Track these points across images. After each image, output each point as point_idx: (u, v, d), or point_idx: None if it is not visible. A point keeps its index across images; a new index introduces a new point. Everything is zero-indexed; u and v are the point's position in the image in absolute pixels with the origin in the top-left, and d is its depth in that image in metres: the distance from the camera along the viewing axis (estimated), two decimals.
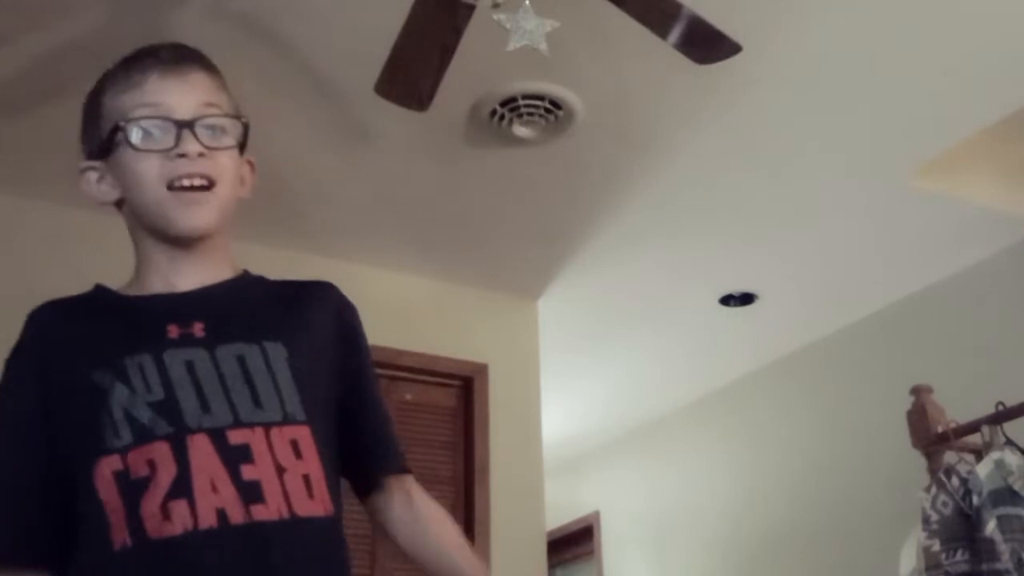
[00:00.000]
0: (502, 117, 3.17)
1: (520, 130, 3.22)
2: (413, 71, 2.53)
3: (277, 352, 1.23)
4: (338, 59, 2.89)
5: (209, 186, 1.26)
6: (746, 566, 4.81)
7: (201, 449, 1.15)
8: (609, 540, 5.74)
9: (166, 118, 1.25)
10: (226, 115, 1.30)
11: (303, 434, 1.21)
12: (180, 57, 1.30)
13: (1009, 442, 2.91)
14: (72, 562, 1.17)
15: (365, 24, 2.75)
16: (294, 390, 1.22)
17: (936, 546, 2.78)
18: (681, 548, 5.25)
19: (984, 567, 2.70)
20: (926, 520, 2.83)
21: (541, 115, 3.15)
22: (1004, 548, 2.68)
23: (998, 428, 2.94)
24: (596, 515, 5.84)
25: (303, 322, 1.31)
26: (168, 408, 1.17)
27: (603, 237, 3.87)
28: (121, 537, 1.12)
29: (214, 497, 1.13)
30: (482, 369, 4.02)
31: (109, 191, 1.32)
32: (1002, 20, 2.87)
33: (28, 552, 1.19)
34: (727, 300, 4.33)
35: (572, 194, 3.62)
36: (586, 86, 3.08)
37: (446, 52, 2.45)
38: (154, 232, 1.29)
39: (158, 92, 1.26)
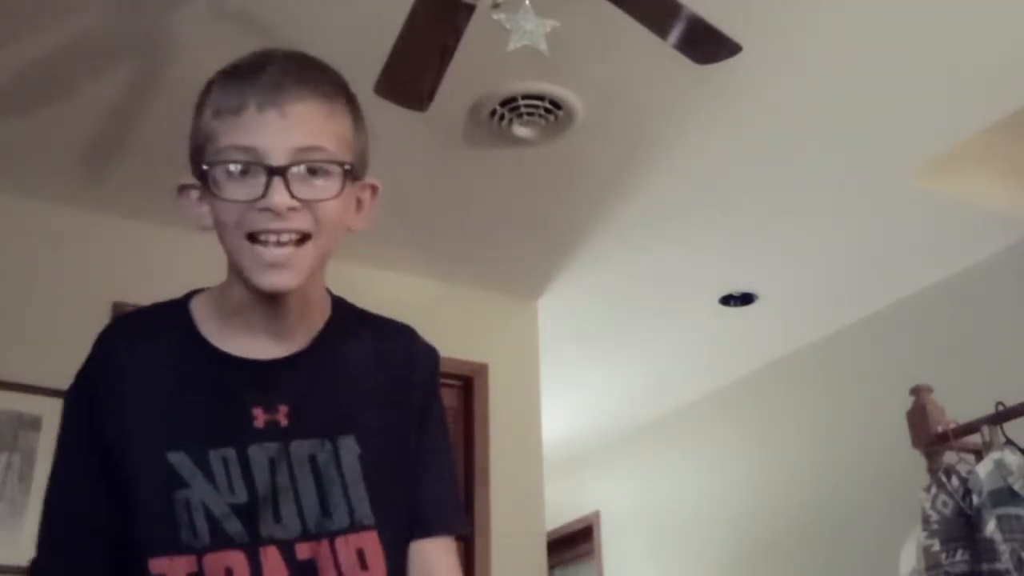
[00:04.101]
0: (502, 117, 3.17)
1: (520, 130, 3.22)
2: (413, 71, 2.53)
3: (349, 450, 1.19)
4: (337, 59, 2.87)
5: (300, 240, 1.13)
6: (745, 565, 4.81)
7: (272, 563, 1.13)
8: (609, 540, 5.74)
9: (256, 163, 1.11)
10: (328, 160, 1.15)
11: (370, 542, 1.17)
12: (285, 81, 1.14)
13: (1009, 442, 2.91)
14: None
15: (365, 24, 2.75)
16: (363, 492, 1.18)
17: (936, 546, 2.78)
18: (681, 548, 5.25)
19: (984, 567, 2.70)
20: (926, 520, 2.83)
21: (541, 115, 3.15)
22: (1004, 548, 2.68)
23: (998, 428, 2.93)
24: (596, 515, 5.84)
25: (381, 404, 1.24)
26: (248, 514, 1.13)
27: (603, 237, 3.87)
28: None
29: None
30: (482, 369, 4.02)
31: (206, 218, 1.17)
32: (1002, 20, 2.87)
33: None
34: (727, 300, 4.34)
35: (572, 194, 3.62)
36: (586, 86, 3.08)
37: (446, 52, 2.45)
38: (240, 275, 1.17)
39: (251, 130, 1.12)
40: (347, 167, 1.16)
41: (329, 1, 2.74)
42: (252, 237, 1.12)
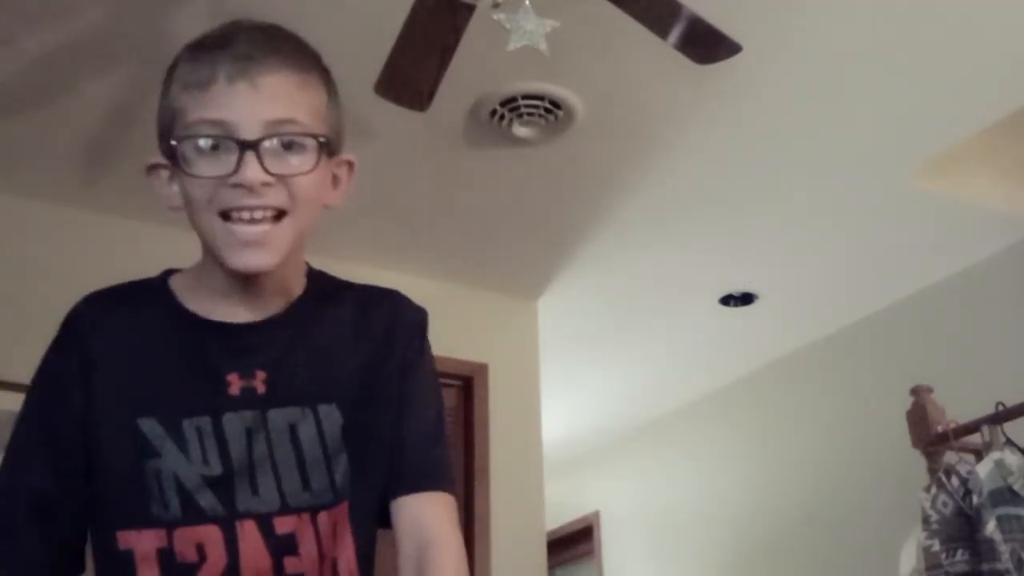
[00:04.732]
0: (502, 117, 3.17)
1: (520, 130, 3.22)
2: (413, 71, 2.53)
3: (331, 418, 1.14)
4: (337, 59, 2.88)
5: (276, 217, 1.09)
6: (745, 565, 4.81)
7: (250, 537, 1.09)
8: (609, 540, 5.74)
9: (227, 137, 1.07)
10: (302, 133, 1.10)
11: (343, 513, 1.13)
12: (255, 52, 1.10)
13: (1009, 442, 2.91)
14: None
15: (365, 24, 2.75)
16: (346, 464, 1.13)
17: (936, 546, 2.78)
18: (681, 548, 5.25)
19: (984, 567, 2.70)
20: (926, 520, 2.83)
21: (541, 115, 3.15)
22: (1004, 548, 2.68)
23: (998, 428, 2.94)
24: (596, 515, 5.84)
25: (364, 370, 1.18)
26: (223, 487, 1.09)
27: (603, 237, 3.87)
28: None
29: None
30: (482, 369, 4.02)
31: (177, 198, 1.12)
32: (1003, 20, 2.87)
33: None
34: (727, 300, 4.33)
35: (572, 194, 3.62)
36: (586, 86, 3.08)
37: (446, 52, 2.45)
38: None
39: (221, 104, 1.07)
40: (322, 140, 1.11)
41: (329, 1, 2.74)
42: (225, 215, 1.08)
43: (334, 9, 2.75)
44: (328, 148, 1.13)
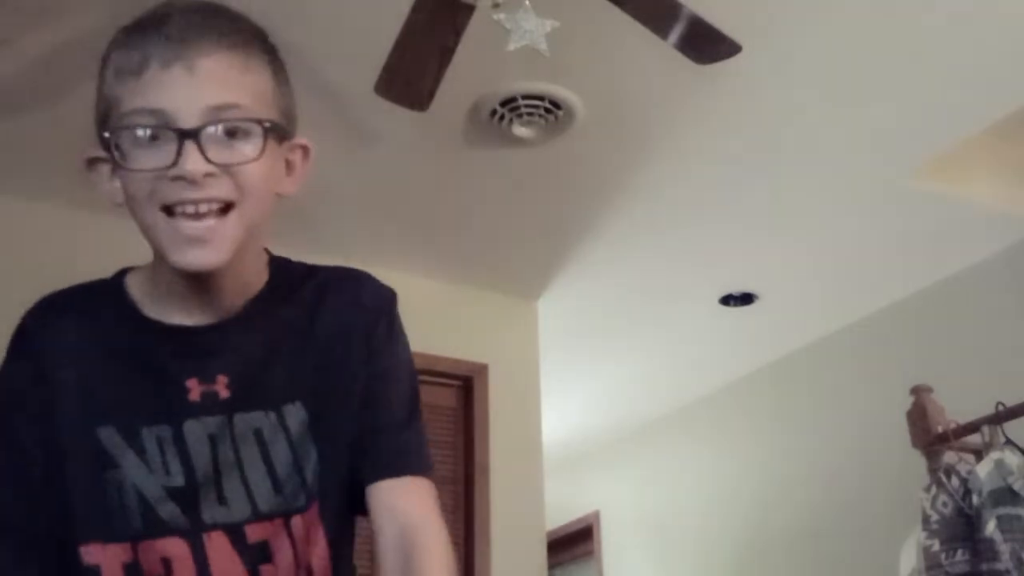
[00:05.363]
0: (502, 117, 3.17)
1: (520, 130, 3.22)
2: (413, 71, 2.53)
3: (297, 417, 1.09)
4: (338, 59, 2.89)
5: (223, 210, 1.01)
6: (745, 565, 4.81)
7: (220, 548, 1.05)
8: (609, 540, 5.74)
9: (164, 127, 1.00)
10: (246, 118, 1.02)
11: (315, 513, 1.09)
12: (191, 33, 1.02)
13: (1009, 442, 2.91)
14: None
15: (365, 24, 2.75)
16: (315, 460, 1.09)
17: (936, 546, 2.78)
18: (681, 548, 5.25)
19: (984, 567, 2.70)
20: (926, 520, 2.83)
21: (541, 115, 3.15)
22: (1004, 548, 2.69)
23: (998, 428, 2.94)
24: (596, 515, 5.84)
25: (328, 363, 1.12)
26: (187, 498, 1.05)
27: (603, 237, 3.87)
28: None
29: None
30: (482, 369, 4.02)
31: (119, 193, 1.05)
32: (1003, 20, 2.87)
33: None
34: (727, 300, 4.33)
35: (572, 194, 3.62)
36: (586, 86, 3.08)
37: (446, 52, 2.45)
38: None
39: (157, 91, 1.00)
40: (267, 125, 1.04)
41: (329, 1, 2.74)
42: (168, 210, 1.00)
43: (334, 10, 2.75)
44: (277, 133, 1.06)
